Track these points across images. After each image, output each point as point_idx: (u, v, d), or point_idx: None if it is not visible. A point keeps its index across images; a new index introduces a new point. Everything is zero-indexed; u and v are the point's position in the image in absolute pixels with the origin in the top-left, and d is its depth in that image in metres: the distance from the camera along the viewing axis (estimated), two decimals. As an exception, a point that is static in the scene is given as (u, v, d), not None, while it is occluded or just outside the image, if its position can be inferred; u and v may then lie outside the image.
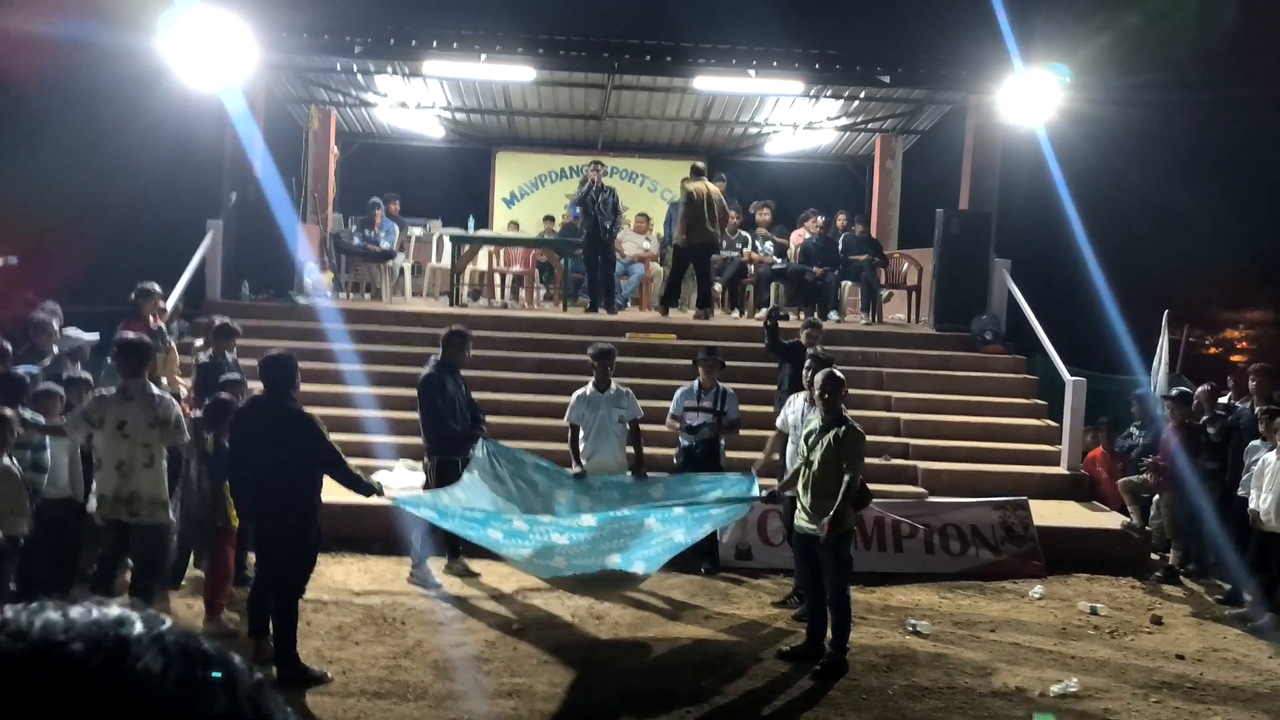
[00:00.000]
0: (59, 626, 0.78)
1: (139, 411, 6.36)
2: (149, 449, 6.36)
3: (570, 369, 10.71)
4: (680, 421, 8.60)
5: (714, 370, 8.66)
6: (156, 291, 9.49)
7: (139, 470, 6.34)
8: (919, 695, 6.18)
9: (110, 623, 0.79)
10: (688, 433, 8.54)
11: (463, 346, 8.23)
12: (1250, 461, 8.21)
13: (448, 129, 17.66)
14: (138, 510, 6.36)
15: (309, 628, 6.71)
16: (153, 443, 6.38)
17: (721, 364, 8.77)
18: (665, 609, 7.64)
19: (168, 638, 0.79)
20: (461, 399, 8.15)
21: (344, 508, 7.97)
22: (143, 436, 6.36)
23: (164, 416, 6.41)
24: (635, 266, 14.73)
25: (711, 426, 8.50)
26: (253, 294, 12.55)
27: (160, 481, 6.43)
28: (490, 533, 6.66)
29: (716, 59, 13.26)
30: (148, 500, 6.37)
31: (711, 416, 8.53)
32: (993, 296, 12.92)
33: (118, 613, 0.80)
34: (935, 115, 15.51)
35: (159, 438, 6.39)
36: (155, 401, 6.44)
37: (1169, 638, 7.57)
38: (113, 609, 0.81)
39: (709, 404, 8.55)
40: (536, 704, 5.79)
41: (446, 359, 8.16)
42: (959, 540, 9.03)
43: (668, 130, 17.52)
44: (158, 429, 6.38)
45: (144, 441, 6.35)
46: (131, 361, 6.54)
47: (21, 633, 0.77)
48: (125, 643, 0.78)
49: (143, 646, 0.78)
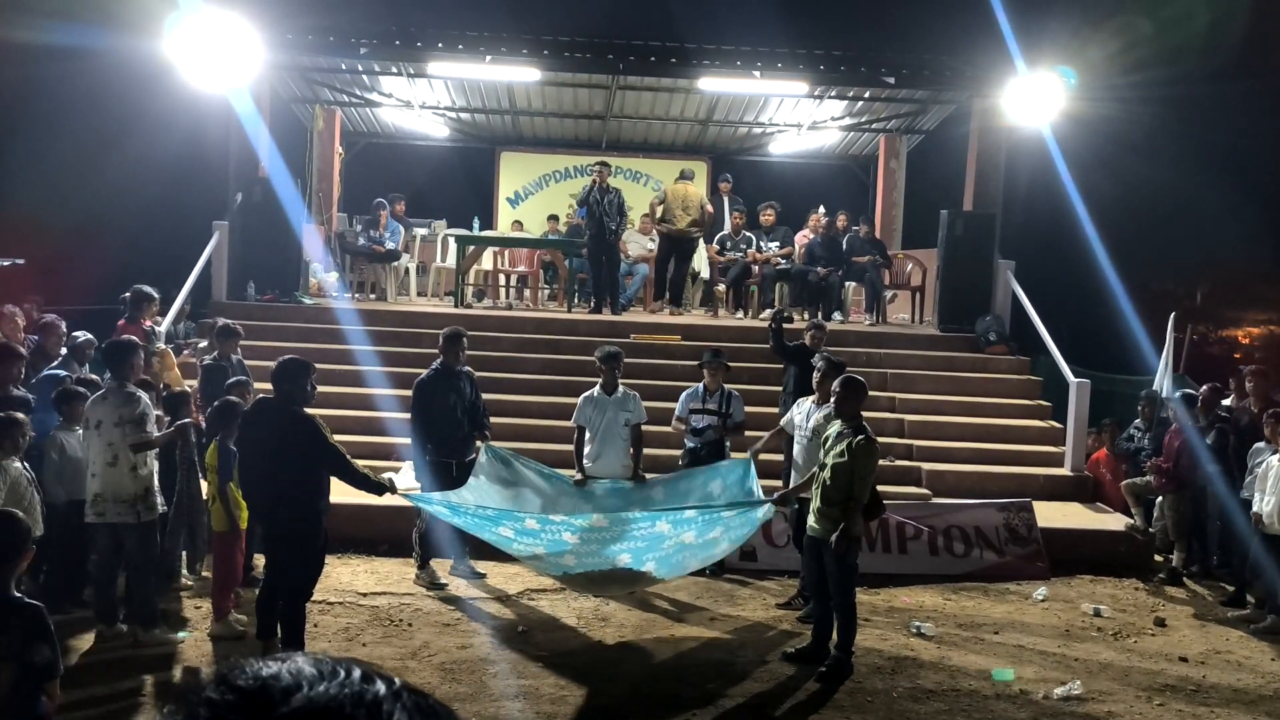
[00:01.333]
0: (322, 693, 0.91)
1: (110, 411, 6.46)
2: (112, 448, 6.42)
3: (574, 370, 10.75)
4: (685, 424, 8.63)
5: (719, 372, 8.67)
6: (153, 296, 9.52)
7: (102, 469, 6.42)
8: (923, 697, 6.21)
9: (358, 681, 0.92)
10: (693, 435, 8.57)
11: (453, 347, 8.13)
12: (1254, 464, 8.23)
13: (452, 129, 17.69)
14: (103, 510, 6.44)
15: (316, 629, 6.75)
16: (115, 441, 6.42)
17: (726, 366, 8.78)
18: (671, 611, 7.67)
19: (404, 695, 0.92)
20: (463, 402, 8.10)
21: (351, 509, 8.03)
22: (107, 435, 6.43)
23: (128, 415, 6.44)
24: (639, 267, 14.75)
25: (717, 429, 8.53)
26: (258, 294, 12.59)
27: (124, 480, 6.42)
28: (502, 530, 6.69)
29: (721, 60, 13.29)
30: (111, 499, 6.42)
31: (717, 419, 8.55)
32: (997, 297, 12.94)
33: (358, 671, 0.92)
34: (939, 115, 15.51)
35: (121, 436, 6.43)
36: (123, 400, 6.49)
37: (1172, 640, 7.59)
38: (353, 671, 0.92)
39: (714, 406, 8.57)
40: (543, 706, 5.82)
41: (443, 361, 8.13)
42: (963, 542, 9.06)
43: (672, 130, 17.54)
44: (122, 427, 6.44)
45: (108, 440, 6.42)
46: (111, 361, 6.69)
47: (298, 693, 0.90)
48: (378, 701, 0.90)
49: (392, 703, 0.90)
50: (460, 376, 8.18)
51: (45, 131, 17.14)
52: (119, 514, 6.44)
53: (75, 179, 16.43)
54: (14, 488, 6.02)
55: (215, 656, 6.42)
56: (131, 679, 6.03)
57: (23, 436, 6.17)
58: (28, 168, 16.54)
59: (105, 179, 16.82)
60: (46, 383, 7.38)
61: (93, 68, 14.72)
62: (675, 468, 8.70)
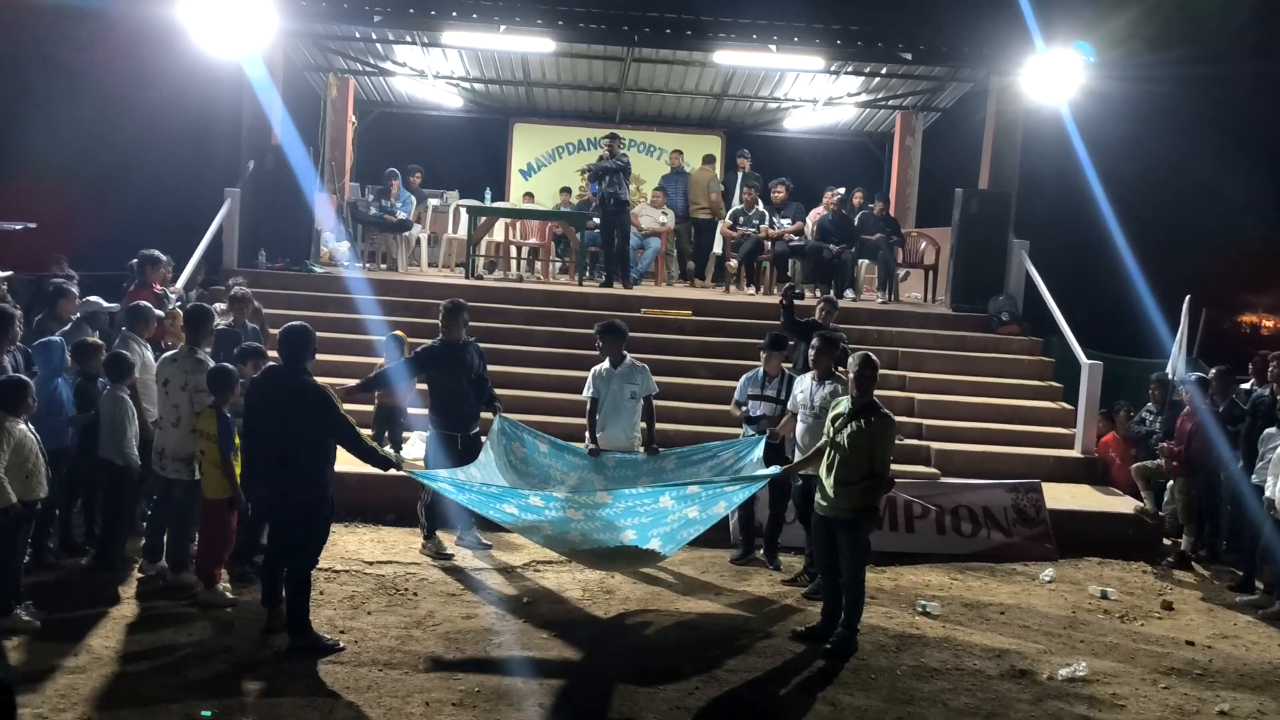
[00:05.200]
0: None
1: (178, 374, 7.12)
2: (178, 409, 7.07)
3: (584, 343, 10.70)
4: (742, 408, 8.39)
5: (776, 357, 8.27)
6: (162, 259, 9.55)
7: (168, 428, 7.13)
8: (927, 676, 6.20)
9: None
10: (748, 422, 8.27)
11: (453, 319, 7.95)
12: (1265, 450, 8.16)
13: (466, 99, 17.60)
14: (164, 466, 7.11)
15: (322, 597, 6.77)
16: (181, 404, 7.03)
17: (785, 350, 8.34)
18: (676, 585, 7.67)
19: None
20: (469, 375, 8.01)
21: (358, 478, 8.04)
22: (174, 397, 7.11)
23: (196, 382, 7.00)
24: (651, 241, 14.69)
25: (772, 420, 8.10)
26: (269, 262, 12.58)
27: (184, 440, 6.95)
28: (506, 507, 6.68)
29: (737, 33, 13.17)
30: (170, 457, 7.03)
31: (775, 406, 8.14)
32: (1010, 277, 12.85)
33: None
34: (957, 93, 15.37)
35: (187, 400, 7.01)
36: (193, 365, 7.07)
37: (1179, 623, 7.56)
38: None
39: (773, 393, 8.20)
40: (546, 677, 5.83)
41: (444, 336, 7.98)
42: (970, 521, 9.03)
43: (686, 104, 17.44)
44: (189, 392, 7.01)
45: (175, 402, 7.09)
46: (190, 327, 7.30)
47: None
48: None
49: None
50: (467, 349, 8.08)
51: (57, 95, 17.11)
52: (176, 470, 6.97)
53: (87, 143, 16.40)
54: (19, 449, 6.04)
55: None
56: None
57: (31, 399, 6.18)
58: (40, 132, 16.52)
59: (117, 144, 16.79)
60: (46, 349, 7.38)
61: (105, 32, 14.67)
62: (684, 443, 8.65)
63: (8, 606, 6.01)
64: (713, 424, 10.02)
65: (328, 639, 6.05)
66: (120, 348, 7.50)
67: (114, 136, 16.72)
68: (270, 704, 5.30)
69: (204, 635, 6.18)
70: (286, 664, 5.79)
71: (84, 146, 16.34)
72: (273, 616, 6.21)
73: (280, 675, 5.64)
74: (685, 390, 10.74)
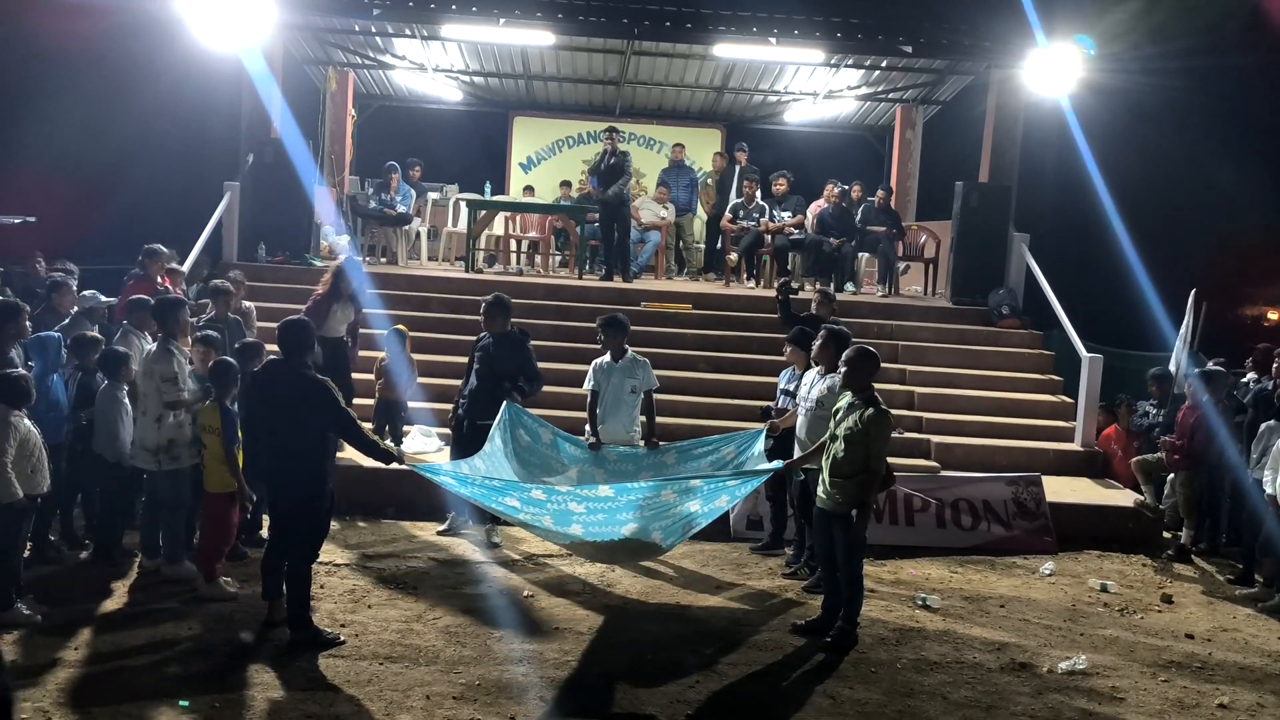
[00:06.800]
0: None
1: (146, 365, 7.19)
2: (143, 400, 7.14)
3: (585, 336, 10.70)
4: (776, 405, 8.28)
5: (802, 353, 8.05)
6: (163, 252, 9.54)
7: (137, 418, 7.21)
8: (927, 669, 6.20)
9: None
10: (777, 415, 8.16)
11: (489, 314, 8.36)
12: (1265, 443, 8.15)
13: (465, 92, 17.59)
14: (135, 455, 7.16)
15: (323, 590, 6.78)
16: (148, 394, 7.08)
17: (808, 346, 8.00)
18: (676, 578, 7.67)
19: None
20: (486, 365, 8.21)
21: (359, 471, 8.04)
22: (142, 386, 7.17)
23: (163, 372, 7.03)
24: (651, 234, 14.67)
25: (778, 413, 8.05)
26: (269, 256, 12.58)
27: (148, 431, 7.01)
28: (508, 500, 6.66)
29: (737, 26, 13.15)
30: (139, 447, 7.11)
31: (793, 401, 7.97)
32: (1011, 270, 12.85)
33: None
34: (957, 86, 15.35)
35: (154, 390, 7.06)
36: (159, 356, 7.12)
37: (1179, 617, 7.57)
38: None
39: (792, 388, 8.06)
40: (547, 670, 5.84)
41: (484, 328, 8.41)
42: (971, 515, 9.03)
43: (686, 97, 17.42)
44: (153, 381, 7.06)
45: (142, 391, 7.15)
46: (159, 318, 7.40)
47: None
48: None
49: None
50: (502, 341, 8.30)
51: (56, 89, 17.08)
52: (144, 461, 7.02)
53: (86, 137, 16.38)
54: (23, 444, 6.04)
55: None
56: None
57: (31, 394, 6.17)
58: (38, 125, 16.50)
59: (116, 138, 16.77)
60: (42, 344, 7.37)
61: (103, 24, 14.62)
62: (684, 436, 8.65)
63: (8, 600, 6.02)
64: (712, 417, 10.03)
65: (328, 633, 6.05)
66: (120, 343, 7.50)
67: (113, 130, 16.69)
68: (271, 698, 5.30)
69: (204, 629, 6.18)
70: (287, 658, 5.79)
71: (83, 140, 16.33)
72: (273, 610, 6.21)
73: (281, 669, 5.64)
74: (685, 384, 10.74)
